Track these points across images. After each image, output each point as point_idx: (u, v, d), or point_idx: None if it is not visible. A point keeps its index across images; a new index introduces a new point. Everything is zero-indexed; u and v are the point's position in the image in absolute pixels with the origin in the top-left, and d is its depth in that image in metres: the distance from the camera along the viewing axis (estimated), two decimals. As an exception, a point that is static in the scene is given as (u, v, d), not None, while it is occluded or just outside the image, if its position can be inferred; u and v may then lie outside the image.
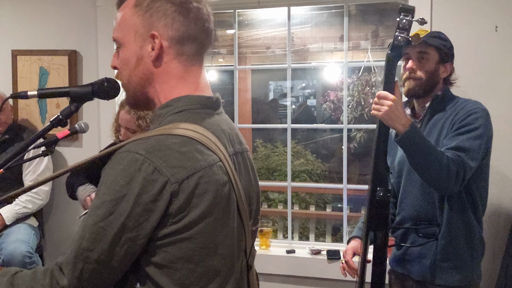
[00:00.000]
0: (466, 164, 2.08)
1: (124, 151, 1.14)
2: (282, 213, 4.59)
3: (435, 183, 2.09)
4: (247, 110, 5.12)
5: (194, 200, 1.14)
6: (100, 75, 3.58)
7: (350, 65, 3.63)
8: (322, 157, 6.40)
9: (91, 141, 3.56)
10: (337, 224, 4.99)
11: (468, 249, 2.23)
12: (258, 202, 1.45)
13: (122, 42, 1.28)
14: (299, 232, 4.23)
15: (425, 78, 2.27)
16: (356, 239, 2.43)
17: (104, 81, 1.36)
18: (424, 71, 2.27)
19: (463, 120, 2.18)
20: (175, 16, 1.24)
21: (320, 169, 6.32)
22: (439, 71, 2.29)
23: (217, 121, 1.30)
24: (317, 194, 5.56)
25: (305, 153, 6.46)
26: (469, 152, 2.10)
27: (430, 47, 2.26)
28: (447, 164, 2.03)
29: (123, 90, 1.37)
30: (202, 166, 1.16)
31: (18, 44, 3.74)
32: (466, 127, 2.15)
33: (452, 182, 2.05)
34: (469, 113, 2.19)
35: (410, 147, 2.05)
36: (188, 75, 1.28)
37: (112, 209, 1.10)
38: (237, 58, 3.55)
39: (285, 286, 3.33)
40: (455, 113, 2.23)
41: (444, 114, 2.27)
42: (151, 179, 1.10)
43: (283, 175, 6.22)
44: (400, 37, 2.00)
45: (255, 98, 5.96)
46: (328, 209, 4.84)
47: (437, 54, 2.28)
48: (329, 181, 6.28)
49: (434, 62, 2.28)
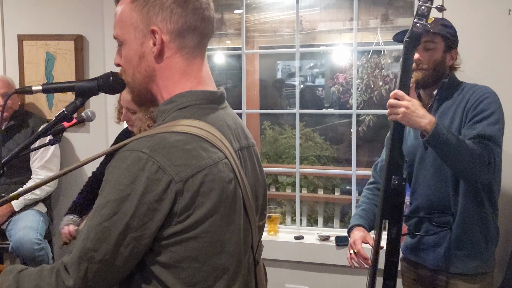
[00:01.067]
0: (494, 150, 2.06)
1: (128, 150, 1.12)
2: (290, 197, 4.58)
3: (470, 174, 2.06)
4: (255, 93, 5.07)
5: (199, 199, 1.12)
6: (107, 59, 3.56)
7: (359, 49, 3.57)
8: (330, 140, 6.37)
9: (98, 126, 3.54)
10: (346, 206, 4.98)
11: (483, 238, 2.21)
12: (265, 196, 1.42)
13: (123, 40, 1.25)
14: (307, 215, 4.23)
15: (432, 68, 2.23)
16: (359, 227, 2.38)
17: (109, 75, 1.33)
18: (431, 61, 2.23)
19: (476, 107, 2.14)
20: (173, 8, 1.20)
21: (328, 152, 6.30)
22: (446, 59, 2.26)
23: (222, 116, 1.27)
24: (326, 177, 5.54)
25: (314, 136, 6.43)
26: (493, 138, 2.07)
27: (437, 36, 2.22)
28: (479, 154, 2.00)
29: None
30: (207, 164, 1.13)
31: (24, 29, 3.71)
32: (482, 113, 2.12)
33: (486, 170, 2.03)
34: (481, 98, 2.16)
35: (439, 145, 2.01)
36: (191, 68, 1.25)
37: (116, 209, 1.08)
38: (244, 43, 3.51)
39: (294, 272, 3.33)
40: (465, 100, 2.20)
41: (453, 101, 2.24)
42: (155, 178, 1.08)
43: (291, 157, 6.19)
44: (418, 23, 1.96)
45: (263, 79, 5.91)
46: (336, 192, 4.81)
47: (443, 43, 2.24)
48: (337, 163, 6.25)
49: (441, 51, 2.24)
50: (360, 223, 2.39)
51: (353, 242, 2.34)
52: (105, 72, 1.35)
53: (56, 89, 1.35)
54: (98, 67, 3.60)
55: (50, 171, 3.47)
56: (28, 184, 3.41)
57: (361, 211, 2.45)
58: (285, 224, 3.94)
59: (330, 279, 3.27)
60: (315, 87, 8.94)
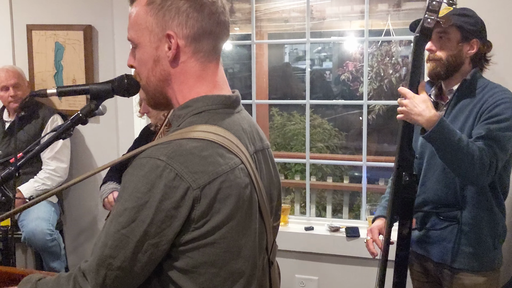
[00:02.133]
0: (498, 154, 2.04)
1: (145, 157, 1.11)
2: (299, 184, 4.58)
3: (468, 175, 2.05)
4: (264, 80, 5.04)
5: (217, 205, 1.12)
6: (116, 50, 3.55)
7: (370, 39, 3.53)
8: (339, 126, 6.35)
9: (109, 117, 3.53)
10: (354, 193, 4.99)
11: (491, 237, 2.21)
12: (279, 197, 1.43)
13: (137, 43, 1.24)
14: (315, 201, 4.23)
15: (445, 58, 2.19)
16: (381, 218, 2.40)
17: (124, 78, 1.32)
18: (444, 51, 2.19)
19: (491, 110, 2.11)
20: (189, 12, 1.19)
21: (337, 138, 6.29)
22: (463, 50, 2.20)
23: (237, 120, 1.26)
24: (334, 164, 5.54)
25: (322, 122, 6.41)
26: (499, 142, 2.05)
27: (450, 26, 2.17)
28: (479, 157, 1.99)
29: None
30: (224, 170, 1.13)
31: (33, 19, 3.70)
32: (496, 117, 2.09)
33: (485, 174, 2.02)
34: (498, 102, 2.11)
35: (439, 143, 2.01)
36: (206, 73, 1.24)
37: (134, 216, 1.08)
38: (254, 34, 3.48)
39: (304, 263, 3.34)
40: (482, 101, 2.16)
41: (472, 100, 2.19)
42: (173, 185, 1.08)
43: (300, 144, 6.19)
44: (429, 19, 1.93)
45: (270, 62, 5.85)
46: (345, 180, 4.81)
47: (458, 33, 2.18)
48: (346, 149, 6.25)
49: (455, 41, 2.19)
50: (383, 214, 2.40)
51: (370, 230, 2.38)
52: (120, 75, 1.34)
53: (71, 92, 1.35)
54: (108, 57, 3.59)
55: (61, 162, 3.48)
56: (39, 175, 3.42)
57: (385, 202, 2.46)
58: (294, 213, 3.95)
59: (340, 270, 3.28)
60: (323, 71, 8.88)
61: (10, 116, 3.55)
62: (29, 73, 3.72)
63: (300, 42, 3.44)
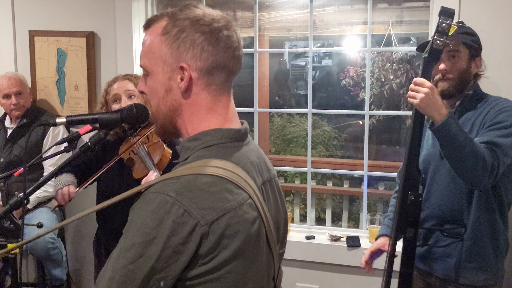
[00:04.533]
0: (500, 158, 2.05)
1: (154, 192, 1.12)
2: (299, 188, 4.58)
3: (470, 176, 2.06)
4: (265, 84, 5.05)
5: (224, 241, 1.12)
6: (118, 57, 3.55)
7: (373, 50, 3.53)
8: (339, 128, 6.35)
9: (110, 124, 3.55)
10: (354, 197, 5.01)
11: (493, 250, 2.23)
12: (286, 225, 1.43)
13: (150, 71, 1.24)
14: (315, 203, 4.23)
15: (457, 77, 2.23)
16: (384, 237, 2.45)
17: (133, 108, 1.33)
18: (456, 71, 2.22)
19: (494, 118, 2.15)
20: (204, 46, 1.19)
21: (336, 140, 6.29)
22: (471, 68, 2.25)
23: (246, 153, 1.27)
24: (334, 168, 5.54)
25: (322, 124, 6.41)
26: (502, 148, 2.07)
27: (461, 44, 2.21)
28: (483, 157, 2.00)
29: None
30: (232, 206, 1.14)
31: (35, 25, 3.70)
32: (498, 124, 2.12)
33: (487, 175, 2.03)
34: (500, 110, 2.16)
35: (446, 137, 2.02)
36: (217, 105, 1.24)
37: (142, 252, 1.09)
38: (257, 42, 3.49)
39: (305, 272, 3.36)
40: (485, 112, 2.20)
41: (474, 113, 2.24)
42: (181, 221, 1.08)
43: (299, 146, 6.19)
44: (439, 41, 1.95)
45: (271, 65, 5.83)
46: (345, 184, 4.81)
47: (467, 51, 2.23)
48: (345, 150, 6.25)
49: (465, 60, 2.23)
50: (386, 233, 2.46)
51: (369, 248, 2.46)
52: (129, 104, 1.35)
53: (80, 121, 1.36)
54: (110, 64, 3.59)
55: (62, 168, 3.48)
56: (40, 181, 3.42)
57: (388, 221, 2.50)
58: (294, 214, 3.96)
59: (341, 279, 3.30)
60: (322, 68, 8.90)
61: (12, 123, 3.55)
62: (31, 79, 3.72)
63: (303, 51, 3.42)
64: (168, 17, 1.23)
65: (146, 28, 1.27)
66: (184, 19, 1.21)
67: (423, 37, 4.31)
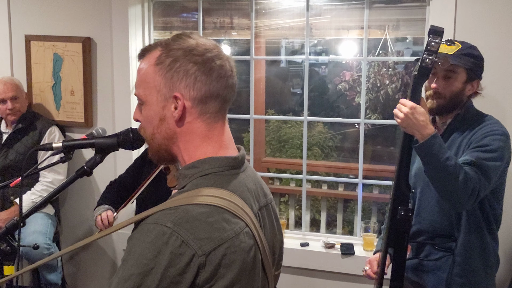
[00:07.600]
0: (482, 182, 2.06)
1: (152, 223, 1.13)
2: (294, 191, 4.60)
3: (449, 197, 2.07)
4: (261, 87, 5.04)
5: (221, 271, 1.14)
6: (114, 62, 3.55)
7: (369, 59, 3.55)
8: (334, 129, 6.35)
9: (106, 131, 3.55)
10: (348, 200, 5.02)
11: (483, 266, 2.25)
12: (281, 249, 1.46)
13: (144, 100, 1.26)
14: (310, 205, 4.25)
15: (448, 98, 2.22)
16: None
17: (129, 132, 1.34)
18: (449, 92, 2.22)
19: (480, 140, 2.15)
20: (197, 75, 1.20)
21: (331, 141, 6.30)
22: (465, 90, 2.24)
23: (243, 180, 1.28)
24: (329, 171, 5.55)
25: (317, 125, 6.42)
26: (484, 170, 2.07)
27: (459, 67, 2.19)
28: (464, 179, 2.01)
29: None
30: (229, 236, 1.15)
31: (32, 30, 3.70)
32: (484, 147, 2.12)
33: (467, 198, 2.04)
34: (488, 134, 2.15)
35: (426, 156, 2.04)
36: (212, 133, 1.26)
37: (140, 282, 1.10)
38: (253, 49, 3.50)
39: (298, 278, 3.38)
40: (472, 133, 2.20)
41: (463, 133, 2.24)
42: (179, 252, 1.10)
43: (295, 147, 6.20)
44: (428, 59, 1.95)
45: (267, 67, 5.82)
46: (340, 187, 4.83)
47: (465, 74, 2.21)
48: (341, 151, 6.26)
49: (461, 82, 2.22)
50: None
51: (369, 261, 2.49)
52: (125, 129, 1.36)
53: (77, 146, 1.37)
54: (106, 69, 3.60)
55: (58, 174, 3.49)
56: (36, 187, 3.43)
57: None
58: (288, 215, 3.98)
59: (335, 287, 3.32)
60: (318, 65, 8.89)
61: (8, 127, 3.55)
62: (27, 84, 3.72)
63: (299, 59, 3.44)
64: (162, 47, 1.24)
65: (140, 58, 1.29)
66: (178, 49, 1.22)
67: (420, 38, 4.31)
